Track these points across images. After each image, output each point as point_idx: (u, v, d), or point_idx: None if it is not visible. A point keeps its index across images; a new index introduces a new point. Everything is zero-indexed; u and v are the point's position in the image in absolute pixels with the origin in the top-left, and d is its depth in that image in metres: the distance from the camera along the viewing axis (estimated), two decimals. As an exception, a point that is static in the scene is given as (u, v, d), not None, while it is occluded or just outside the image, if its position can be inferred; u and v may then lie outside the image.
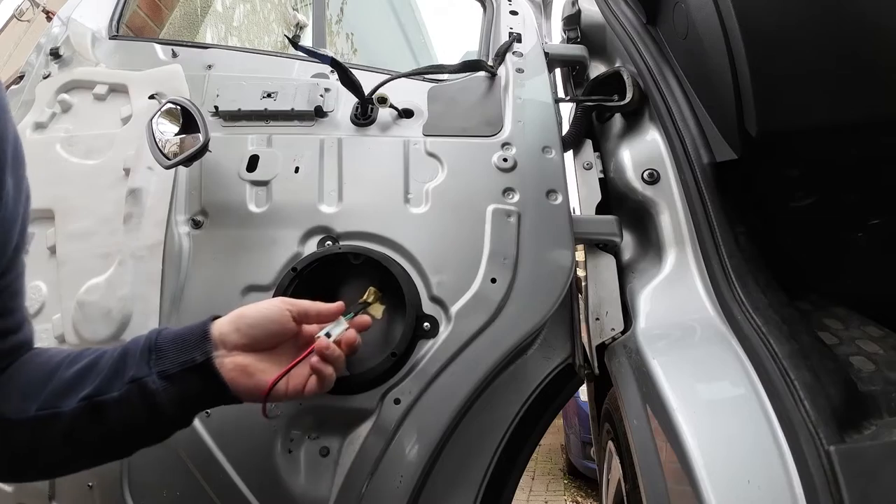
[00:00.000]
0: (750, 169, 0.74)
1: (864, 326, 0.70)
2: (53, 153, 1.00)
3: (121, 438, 0.55)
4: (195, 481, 0.76)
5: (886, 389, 0.55)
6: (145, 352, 0.54)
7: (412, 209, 0.86)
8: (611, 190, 0.95)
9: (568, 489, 5.17)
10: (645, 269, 0.83)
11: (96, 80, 1.07)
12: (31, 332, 0.58)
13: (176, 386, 0.53)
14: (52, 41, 1.19)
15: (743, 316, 0.62)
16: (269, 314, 0.58)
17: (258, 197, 0.89)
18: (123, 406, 0.52)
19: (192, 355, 0.54)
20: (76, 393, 0.51)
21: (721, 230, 0.72)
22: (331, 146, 0.92)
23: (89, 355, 0.55)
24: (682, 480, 0.51)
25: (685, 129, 0.82)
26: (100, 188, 0.94)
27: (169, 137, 0.81)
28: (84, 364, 0.54)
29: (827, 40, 0.59)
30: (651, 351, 0.66)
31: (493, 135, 0.91)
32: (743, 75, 0.64)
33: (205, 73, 1.03)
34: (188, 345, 0.55)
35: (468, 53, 1.19)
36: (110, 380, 0.52)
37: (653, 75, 0.90)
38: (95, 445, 0.54)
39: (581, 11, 1.17)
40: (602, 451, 1.32)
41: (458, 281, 0.80)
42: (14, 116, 1.09)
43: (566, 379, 0.87)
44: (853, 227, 0.78)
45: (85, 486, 0.79)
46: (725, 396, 0.57)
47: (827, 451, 0.45)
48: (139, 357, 0.54)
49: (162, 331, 0.57)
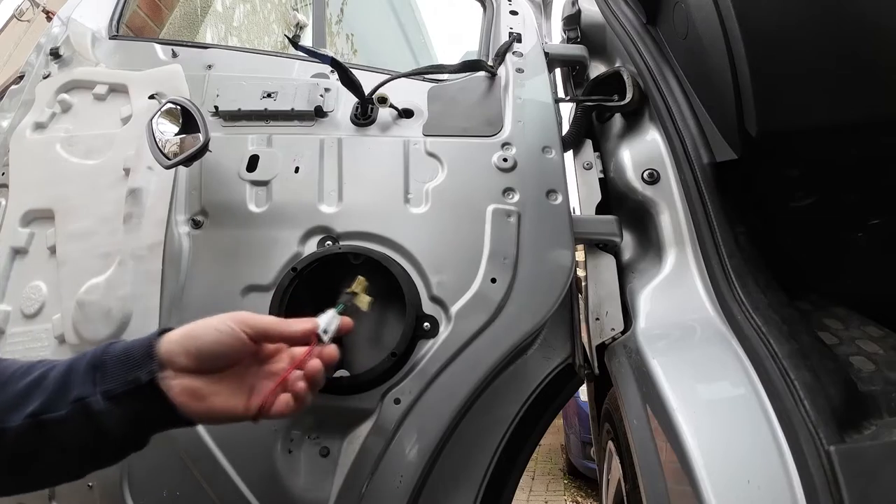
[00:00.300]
0: (750, 169, 0.74)
1: (864, 326, 0.70)
2: (53, 153, 1.00)
3: (69, 459, 0.52)
4: (195, 481, 0.76)
5: (886, 389, 0.55)
6: (90, 369, 0.51)
7: (412, 209, 0.86)
8: (611, 190, 0.95)
9: (568, 489, 5.17)
10: (645, 269, 0.83)
11: (96, 80, 1.07)
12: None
13: (122, 407, 0.49)
14: (52, 41, 1.19)
15: (743, 316, 0.62)
16: (221, 339, 0.53)
17: (258, 197, 0.89)
18: (69, 426, 0.49)
19: (137, 374, 0.50)
20: (23, 409, 0.48)
21: (721, 230, 0.72)
22: (331, 146, 0.92)
23: (39, 368, 0.52)
24: (682, 480, 0.51)
25: (685, 129, 0.82)
26: (100, 188, 0.94)
27: (169, 137, 0.81)
28: (33, 378, 0.51)
29: (827, 40, 0.59)
30: (651, 351, 0.66)
31: (493, 135, 0.91)
32: (743, 75, 0.64)
33: (205, 73, 1.03)
34: (133, 362, 0.51)
35: (468, 53, 1.19)
36: (55, 397, 0.49)
37: (653, 75, 0.90)
38: (42, 465, 0.51)
39: (581, 11, 1.17)
40: (602, 451, 1.32)
41: (458, 281, 0.80)
42: (14, 116, 1.10)
43: (566, 379, 0.87)
44: (853, 227, 0.78)
45: (85, 487, 0.79)
46: (725, 396, 0.57)
47: (827, 451, 0.45)
48: (83, 374, 0.50)
49: (111, 344, 0.53)
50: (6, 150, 1.05)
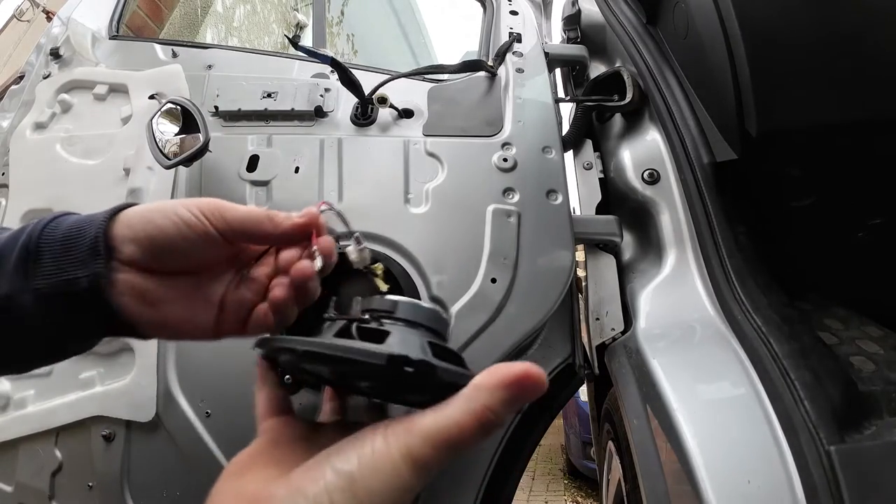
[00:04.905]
0: (750, 169, 0.74)
1: (864, 326, 0.70)
2: (53, 153, 1.00)
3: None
4: (195, 481, 0.76)
5: (886, 389, 0.55)
6: (23, 254, 0.39)
7: (412, 209, 0.86)
8: (611, 190, 0.95)
9: (568, 489, 5.17)
10: (645, 269, 0.83)
11: (96, 80, 1.07)
12: None
13: (54, 312, 0.39)
14: (52, 41, 1.19)
15: (743, 316, 0.62)
16: (183, 232, 0.39)
17: (258, 197, 0.89)
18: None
19: (76, 273, 0.38)
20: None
21: (721, 230, 0.72)
22: (331, 146, 0.92)
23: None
24: (682, 480, 0.51)
25: (685, 129, 0.82)
26: (100, 188, 0.94)
27: (169, 137, 0.81)
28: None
29: (827, 39, 0.59)
30: (651, 351, 0.66)
31: (493, 135, 0.91)
32: (743, 75, 0.64)
33: (205, 73, 1.03)
34: (74, 254, 0.39)
35: (468, 53, 1.19)
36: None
37: (653, 75, 0.90)
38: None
39: (581, 11, 1.17)
40: (602, 451, 1.32)
41: (458, 281, 0.80)
42: (14, 116, 1.10)
43: (566, 379, 0.87)
44: (853, 227, 0.78)
45: (85, 486, 0.80)
46: (725, 396, 0.57)
47: (827, 451, 0.45)
48: (15, 261, 0.39)
49: (54, 221, 0.41)
50: (6, 150, 1.05)
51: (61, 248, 0.39)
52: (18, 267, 0.38)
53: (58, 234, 0.40)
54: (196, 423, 0.77)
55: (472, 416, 0.30)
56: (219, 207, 0.40)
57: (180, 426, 0.78)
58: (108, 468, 0.79)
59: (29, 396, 0.86)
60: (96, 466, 0.80)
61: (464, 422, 0.30)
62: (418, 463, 0.29)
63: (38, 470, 0.82)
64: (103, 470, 0.80)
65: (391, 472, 0.29)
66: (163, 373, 0.80)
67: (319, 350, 0.33)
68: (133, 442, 0.80)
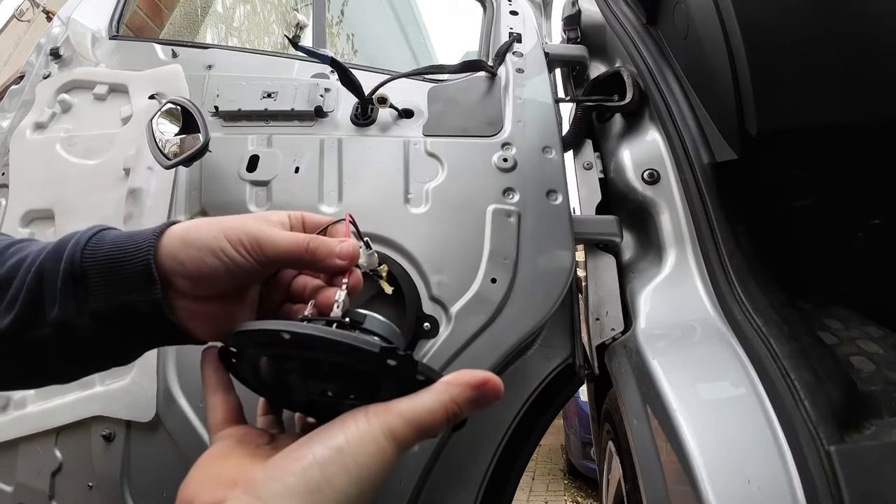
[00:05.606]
0: (750, 169, 0.74)
1: (864, 326, 0.70)
2: (53, 153, 1.00)
3: (32, 370, 0.43)
4: (195, 481, 0.76)
5: (886, 389, 0.55)
6: (68, 280, 0.39)
7: (412, 209, 0.86)
8: (611, 190, 0.95)
9: (568, 489, 5.17)
10: (645, 269, 0.83)
11: (96, 80, 1.07)
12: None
13: (115, 329, 0.40)
14: (52, 41, 1.19)
15: (743, 316, 0.62)
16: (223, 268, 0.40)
17: (258, 197, 0.89)
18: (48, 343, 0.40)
19: (133, 299, 0.39)
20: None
21: (721, 230, 0.72)
22: (331, 146, 0.92)
23: (8, 259, 0.41)
24: (682, 480, 0.51)
25: (685, 129, 0.82)
26: (100, 188, 0.94)
27: (169, 137, 0.81)
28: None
29: (827, 39, 0.59)
30: (651, 351, 0.66)
31: (494, 135, 0.91)
32: (743, 75, 0.64)
33: (205, 73, 1.03)
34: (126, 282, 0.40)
35: (468, 53, 1.19)
36: (28, 310, 0.39)
37: (653, 75, 0.90)
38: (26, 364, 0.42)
39: (581, 11, 1.17)
40: (602, 451, 1.32)
41: (458, 281, 0.80)
42: (14, 116, 1.10)
43: (566, 379, 0.87)
44: (853, 227, 0.78)
45: (85, 486, 0.80)
46: (725, 396, 0.57)
47: (827, 451, 0.45)
48: (62, 287, 0.39)
49: (88, 242, 0.41)
50: (6, 150, 1.05)
51: (109, 271, 0.40)
52: (67, 292, 0.39)
53: (100, 255, 0.40)
54: (196, 423, 0.77)
55: (441, 406, 0.34)
56: (258, 240, 0.41)
57: (180, 426, 0.78)
58: (108, 468, 0.79)
59: (29, 396, 0.86)
60: (96, 466, 0.80)
61: (434, 409, 0.34)
62: (398, 439, 0.33)
63: (37, 470, 0.82)
64: (103, 470, 0.80)
65: (375, 446, 0.32)
66: (163, 373, 0.80)
67: (316, 333, 0.33)
68: (133, 442, 0.80)
